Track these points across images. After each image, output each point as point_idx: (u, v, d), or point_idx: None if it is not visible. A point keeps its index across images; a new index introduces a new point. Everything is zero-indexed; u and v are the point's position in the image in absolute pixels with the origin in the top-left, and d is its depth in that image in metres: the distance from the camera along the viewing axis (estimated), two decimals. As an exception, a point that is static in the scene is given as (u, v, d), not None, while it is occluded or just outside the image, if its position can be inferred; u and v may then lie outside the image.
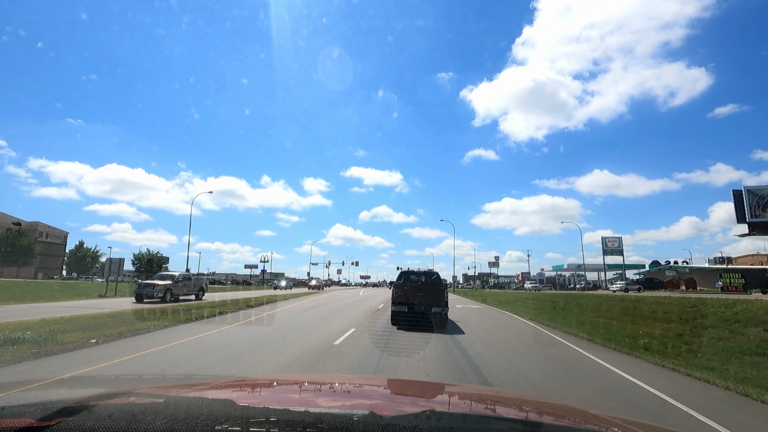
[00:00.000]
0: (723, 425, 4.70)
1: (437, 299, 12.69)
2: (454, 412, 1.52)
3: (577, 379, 6.96)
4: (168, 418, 1.00)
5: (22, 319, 10.88)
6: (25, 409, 1.08)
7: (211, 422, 1.01)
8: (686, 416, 5.06)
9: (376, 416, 1.05)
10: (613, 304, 22.03)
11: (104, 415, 1.02)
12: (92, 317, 11.47)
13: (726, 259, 67.14)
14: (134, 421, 0.99)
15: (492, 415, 1.53)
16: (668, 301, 19.79)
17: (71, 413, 1.02)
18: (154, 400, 1.22)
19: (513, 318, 17.90)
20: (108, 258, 30.60)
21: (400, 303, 12.60)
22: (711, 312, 15.15)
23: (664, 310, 17.96)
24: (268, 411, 1.13)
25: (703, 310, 15.80)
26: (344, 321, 14.04)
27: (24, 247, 69.39)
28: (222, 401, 1.33)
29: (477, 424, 1.26)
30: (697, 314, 15.59)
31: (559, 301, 27.20)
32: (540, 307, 23.64)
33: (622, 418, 1.58)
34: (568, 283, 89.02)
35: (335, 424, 1.01)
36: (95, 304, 18.29)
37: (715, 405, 5.56)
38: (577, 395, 5.82)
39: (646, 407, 5.32)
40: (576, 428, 1.38)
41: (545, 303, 26.98)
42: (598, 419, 1.60)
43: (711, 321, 13.97)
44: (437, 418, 1.07)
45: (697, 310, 16.20)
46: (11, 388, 1.63)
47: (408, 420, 1.06)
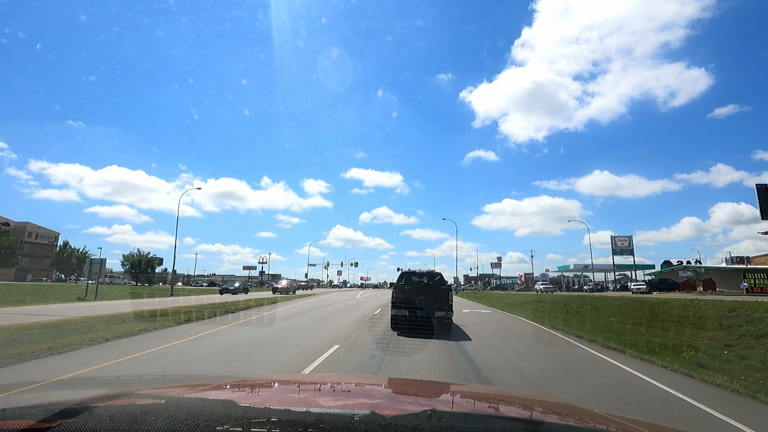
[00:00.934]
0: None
1: (441, 302, 11.59)
2: (455, 411, 1.54)
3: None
4: (169, 419, 1.00)
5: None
6: (26, 410, 1.08)
7: (212, 423, 1.01)
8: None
9: (378, 416, 1.05)
10: (635, 307, 19.98)
11: (105, 417, 1.02)
12: (21, 328, 9.45)
13: (745, 259, 64.47)
14: (135, 422, 0.99)
15: (494, 414, 1.53)
16: (697, 304, 17.76)
17: (72, 414, 1.03)
18: (156, 401, 1.22)
19: (534, 326, 15.09)
20: (88, 259, 28.73)
21: (400, 306, 11.61)
22: (757, 317, 13.12)
23: (696, 314, 15.95)
24: (269, 411, 1.12)
25: (746, 316, 13.77)
26: (326, 335, 10.82)
27: (4, 248, 66.25)
28: (223, 402, 1.32)
29: (478, 423, 1.25)
30: (739, 320, 13.58)
31: (572, 303, 25.15)
32: (554, 310, 21.59)
33: (623, 417, 1.57)
34: (572, 284, 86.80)
35: (336, 423, 1.02)
36: (56, 311, 16.38)
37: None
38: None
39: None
40: (578, 427, 1.37)
41: (558, 306, 24.96)
42: (600, 418, 1.58)
43: (761, 328, 11.95)
44: (438, 417, 1.07)
45: (738, 315, 14.18)
46: (12, 390, 1.68)
47: (409, 419, 1.05)
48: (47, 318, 12.28)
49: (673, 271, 62.32)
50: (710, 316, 15.08)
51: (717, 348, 10.82)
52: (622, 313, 18.96)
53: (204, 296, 32.25)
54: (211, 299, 26.59)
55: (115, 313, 14.10)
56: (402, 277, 13.35)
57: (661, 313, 17.42)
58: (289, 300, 28.68)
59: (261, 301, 23.79)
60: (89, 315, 13.08)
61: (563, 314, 19.21)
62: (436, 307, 11.46)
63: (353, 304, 26.84)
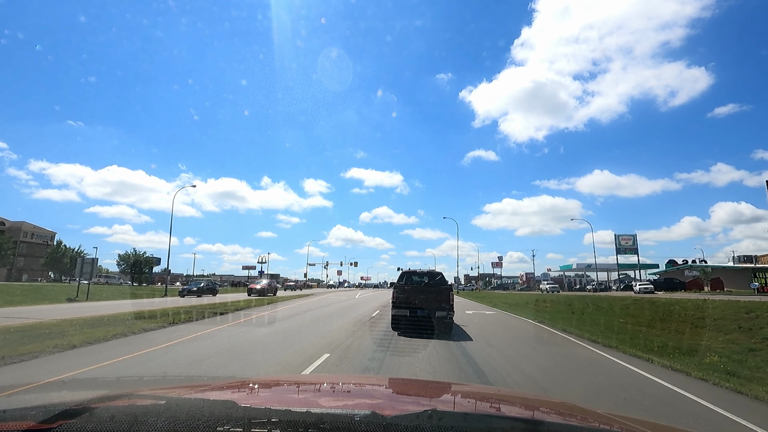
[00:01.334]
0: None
1: (442, 302, 11.45)
2: (456, 411, 1.52)
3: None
4: (170, 420, 1.00)
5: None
6: (26, 411, 1.08)
7: (213, 423, 1.00)
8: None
9: (378, 416, 1.05)
10: (645, 308, 19.14)
11: (106, 417, 1.01)
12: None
13: (753, 258, 63.18)
14: (136, 423, 0.98)
15: (494, 414, 1.53)
16: (711, 304, 16.92)
17: (73, 415, 1.02)
18: (156, 402, 1.21)
19: (544, 330, 14.06)
20: (80, 258, 27.99)
21: (401, 306, 11.52)
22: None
23: (712, 315, 15.12)
24: (269, 412, 1.11)
25: (766, 317, 12.95)
26: (318, 340, 9.71)
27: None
28: (224, 402, 1.30)
29: (479, 423, 1.25)
30: (759, 322, 12.79)
31: (576, 303, 24.30)
32: (558, 311, 20.77)
33: (624, 416, 1.55)
34: (573, 283, 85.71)
35: (337, 424, 1.01)
36: (38, 312, 15.65)
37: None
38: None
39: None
40: (578, 426, 1.36)
41: (561, 306, 24.14)
42: (602, 417, 1.55)
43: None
44: (439, 417, 1.07)
45: (757, 317, 13.37)
46: (12, 390, 1.64)
47: (410, 419, 1.05)
48: (21, 321, 11.50)
49: (678, 270, 61.32)
50: (727, 318, 14.26)
51: (741, 353, 10.03)
52: (633, 314, 18.14)
53: (193, 298, 31.55)
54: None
55: (97, 315, 13.33)
56: (402, 276, 12.98)
57: (674, 314, 16.58)
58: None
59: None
60: (68, 317, 12.32)
61: (572, 315, 18.39)
62: (437, 307, 11.27)
63: (349, 306, 24.24)
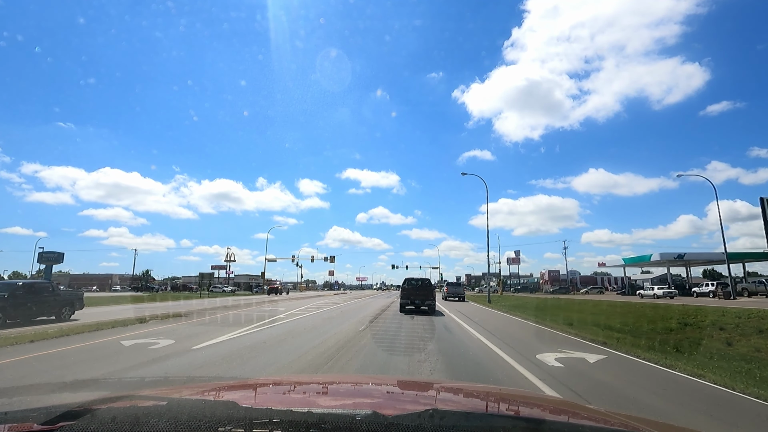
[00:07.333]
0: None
1: (428, 296, 19.37)
2: (457, 410, 1.48)
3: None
4: (171, 421, 0.98)
5: None
6: (28, 413, 1.07)
7: (214, 424, 0.98)
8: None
9: (379, 416, 1.02)
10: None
11: (107, 419, 1.00)
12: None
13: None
14: (137, 424, 0.96)
15: (496, 413, 1.50)
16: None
17: (74, 417, 1.00)
18: (157, 403, 1.20)
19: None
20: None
21: (405, 298, 19.71)
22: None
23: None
24: (271, 412, 1.10)
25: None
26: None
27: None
28: (225, 403, 1.32)
29: (480, 422, 1.23)
30: None
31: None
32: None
33: (624, 414, 1.49)
34: (684, 285, 53.50)
35: (338, 423, 0.99)
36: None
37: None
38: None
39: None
40: (578, 424, 1.35)
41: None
42: (603, 415, 1.53)
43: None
44: (440, 416, 1.05)
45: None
46: (13, 392, 1.66)
47: (411, 419, 1.02)
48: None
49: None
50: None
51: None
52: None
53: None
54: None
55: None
56: (406, 281, 21.19)
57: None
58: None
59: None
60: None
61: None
62: (426, 299, 19.21)
63: (327, 323, 14.53)
